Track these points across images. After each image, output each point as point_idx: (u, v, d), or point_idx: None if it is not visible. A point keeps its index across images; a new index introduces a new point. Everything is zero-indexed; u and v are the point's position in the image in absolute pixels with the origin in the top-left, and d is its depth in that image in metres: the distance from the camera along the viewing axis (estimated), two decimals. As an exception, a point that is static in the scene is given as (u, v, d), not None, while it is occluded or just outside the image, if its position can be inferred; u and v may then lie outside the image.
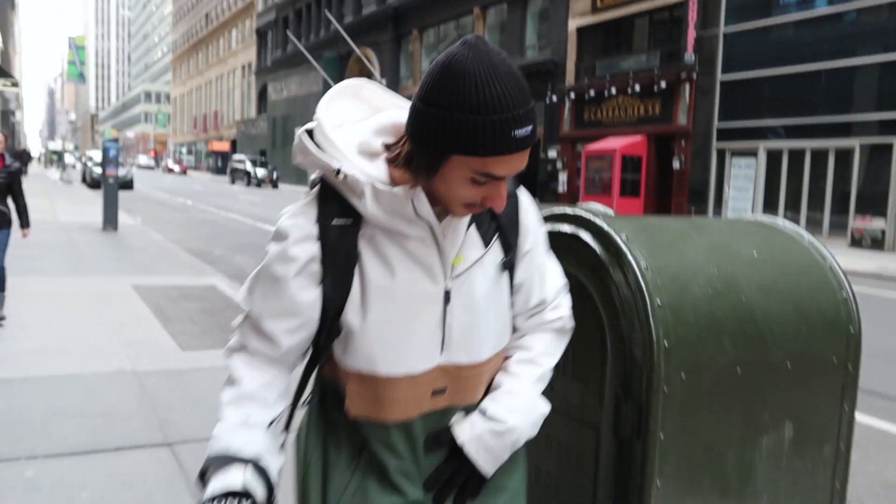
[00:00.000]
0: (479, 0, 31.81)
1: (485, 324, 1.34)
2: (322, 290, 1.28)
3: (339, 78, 39.30)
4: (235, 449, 1.27)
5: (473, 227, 1.33)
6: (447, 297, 1.30)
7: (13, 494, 3.35)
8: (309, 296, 1.28)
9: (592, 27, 26.00)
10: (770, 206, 20.63)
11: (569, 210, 1.83)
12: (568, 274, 1.53)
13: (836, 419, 1.85)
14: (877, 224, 18.07)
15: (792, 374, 1.75)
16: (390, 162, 1.25)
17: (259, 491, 1.26)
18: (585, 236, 1.68)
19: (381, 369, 1.30)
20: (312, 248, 1.27)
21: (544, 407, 1.42)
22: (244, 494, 1.24)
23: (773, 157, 20.49)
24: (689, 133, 22.27)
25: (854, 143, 18.36)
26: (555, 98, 26.79)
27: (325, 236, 1.27)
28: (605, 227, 1.67)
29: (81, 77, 60.55)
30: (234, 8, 72.64)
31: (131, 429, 4.21)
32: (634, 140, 23.42)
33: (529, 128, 1.15)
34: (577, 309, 1.53)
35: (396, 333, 1.29)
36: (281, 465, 1.35)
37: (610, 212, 2.07)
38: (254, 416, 1.30)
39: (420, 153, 1.19)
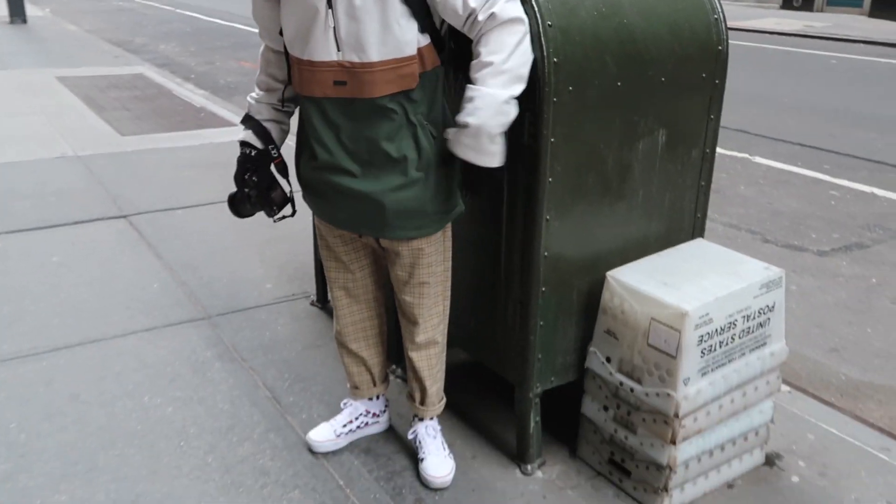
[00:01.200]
0: None
1: (368, 30, 1.67)
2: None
3: None
4: (250, 115, 2.03)
5: None
6: (329, 3, 1.67)
7: (-14, 264, 3.62)
8: (267, 4, 1.84)
9: None
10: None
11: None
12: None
13: (703, 127, 2.19)
14: (809, -19, 18.09)
15: (666, 87, 2.04)
16: None
17: (257, 142, 1.99)
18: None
19: (295, 53, 1.80)
20: None
21: (503, 94, 1.68)
22: (246, 143, 2.00)
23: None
24: None
25: None
26: None
27: None
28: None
29: None
30: None
31: (86, 205, 4.44)
32: None
33: None
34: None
35: (299, 29, 1.74)
36: (285, 127, 2.06)
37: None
38: (262, 93, 2.02)
39: None
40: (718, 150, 5.85)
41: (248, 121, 2.02)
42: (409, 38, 1.70)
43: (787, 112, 7.70)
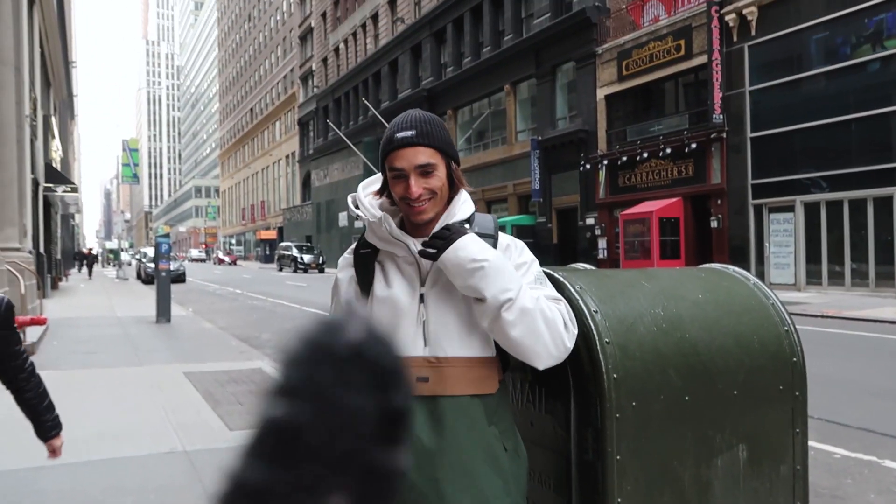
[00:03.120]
0: (509, 77, 32.85)
1: (452, 323, 1.76)
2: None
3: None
4: None
5: None
6: (422, 299, 1.79)
7: (75, 564, 3.65)
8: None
9: (620, 94, 26.62)
10: (813, 259, 20.43)
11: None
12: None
13: (789, 442, 2.05)
14: (924, 270, 17.74)
15: (739, 401, 1.97)
16: (378, 194, 1.88)
17: None
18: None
19: None
20: (350, 272, 1.91)
21: (512, 289, 1.68)
22: None
23: (812, 210, 20.41)
24: (724, 191, 22.38)
25: (892, 190, 18.25)
26: (588, 166, 27.26)
27: (357, 262, 1.89)
28: (562, 278, 1.96)
29: (135, 178, 63.64)
30: (276, 101, 76.01)
31: (182, 503, 4.50)
32: (670, 202, 23.58)
33: (408, 132, 1.74)
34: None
35: (388, 325, 1.70)
36: None
37: (591, 268, 2.35)
38: None
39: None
40: (842, 451, 5.42)
41: None
42: (490, 340, 1.78)
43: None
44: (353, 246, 1.95)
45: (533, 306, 1.69)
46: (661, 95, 25.61)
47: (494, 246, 1.82)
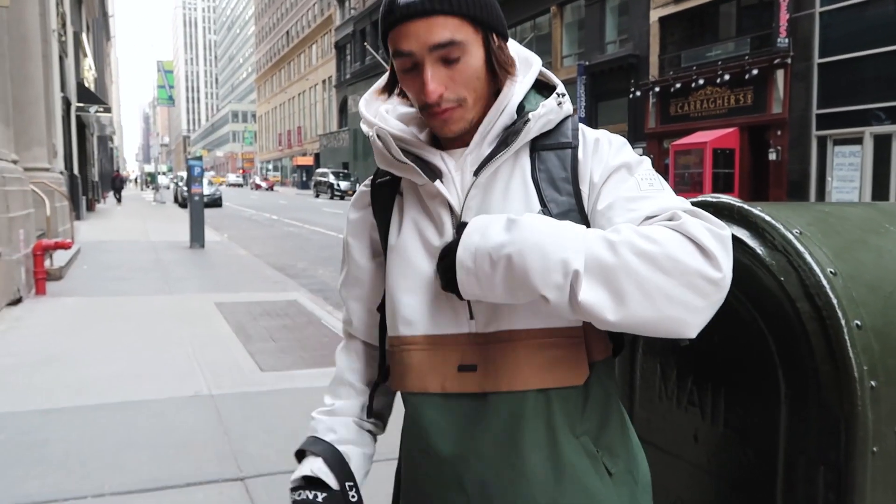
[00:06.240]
0: (556, -2, 31.21)
1: None
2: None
3: (416, 87, 39.31)
4: (317, 437, 1.30)
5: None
6: None
7: (77, 536, 3.11)
8: (366, 261, 1.30)
9: (675, 16, 24.99)
10: (879, 196, 19.19)
11: (701, 199, 1.37)
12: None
13: None
14: None
15: None
16: (385, 91, 1.24)
17: (330, 477, 1.23)
18: (738, 232, 1.22)
19: (401, 330, 1.18)
20: (365, 212, 1.29)
21: (571, 251, 0.98)
22: (311, 481, 1.24)
23: (881, 143, 19.04)
24: (785, 122, 21.02)
25: (974, 122, 16.86)
26: (638, 93, 25.88)
27: (374, 196, 1.27)
28: (769, 217, 1.20)
29: (171, 100, 63.01)
30: (313, 24, 74.38)
31: (205, 461, 3.94)
32: (725, 132, 22.31)
33: None
34: (733, 338, 1.08)
35: (412, 290, 1.16)
36: (368, 452, 1.33)
37: (732, 199, 1.59)
38: (339, 403, 1.33)
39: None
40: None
41: (316, 444, 1.28)
42: None
43: None
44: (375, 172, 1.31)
45: (620, 251, 0.97)
46: (721, 18, 23.95)
47: (573, 150, 1.15)
